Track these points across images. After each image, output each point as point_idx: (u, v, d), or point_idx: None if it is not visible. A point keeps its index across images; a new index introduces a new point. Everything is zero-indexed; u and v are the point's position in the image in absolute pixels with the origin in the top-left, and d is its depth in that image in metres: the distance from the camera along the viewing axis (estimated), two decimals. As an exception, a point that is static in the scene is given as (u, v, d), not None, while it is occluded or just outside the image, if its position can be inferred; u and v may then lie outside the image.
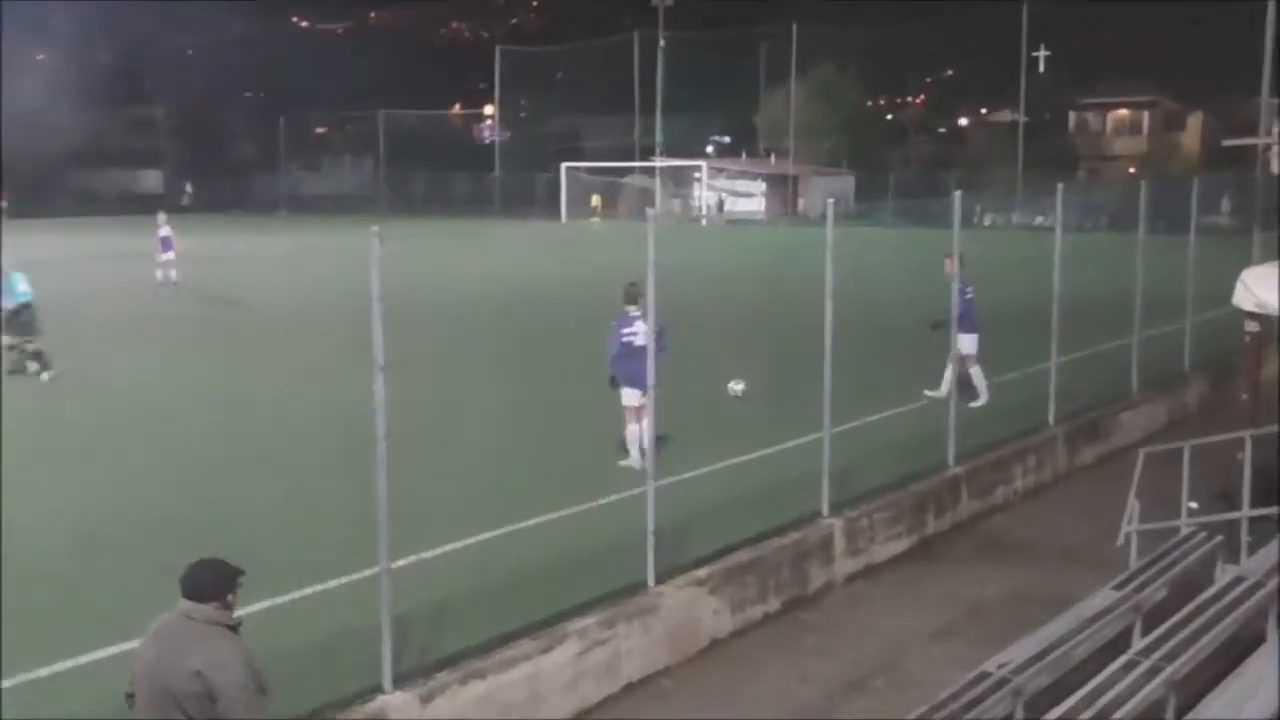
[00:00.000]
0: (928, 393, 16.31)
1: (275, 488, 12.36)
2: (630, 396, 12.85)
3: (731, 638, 10.13)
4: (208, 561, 5.67)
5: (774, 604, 10.69)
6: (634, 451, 12.83)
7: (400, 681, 7.75)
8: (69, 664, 7.92)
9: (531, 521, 11.20)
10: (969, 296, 16.22)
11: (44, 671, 7.84)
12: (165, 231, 30.29)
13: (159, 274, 29.90)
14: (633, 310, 12.95)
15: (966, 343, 16.14)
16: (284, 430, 15.08)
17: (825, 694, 9.24)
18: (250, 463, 13.47)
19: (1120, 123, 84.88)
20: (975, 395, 16.38)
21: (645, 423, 12.28)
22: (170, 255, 29.93)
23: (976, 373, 16.56)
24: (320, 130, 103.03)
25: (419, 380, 14.99)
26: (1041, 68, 78.70)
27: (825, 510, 11.53)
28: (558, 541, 10.68)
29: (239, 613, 5.60)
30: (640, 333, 12.40)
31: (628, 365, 12.65)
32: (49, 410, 16.23)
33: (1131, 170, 73.47)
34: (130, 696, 5.54)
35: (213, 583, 5.55)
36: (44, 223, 56.72)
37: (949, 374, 16.07)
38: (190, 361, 19.59)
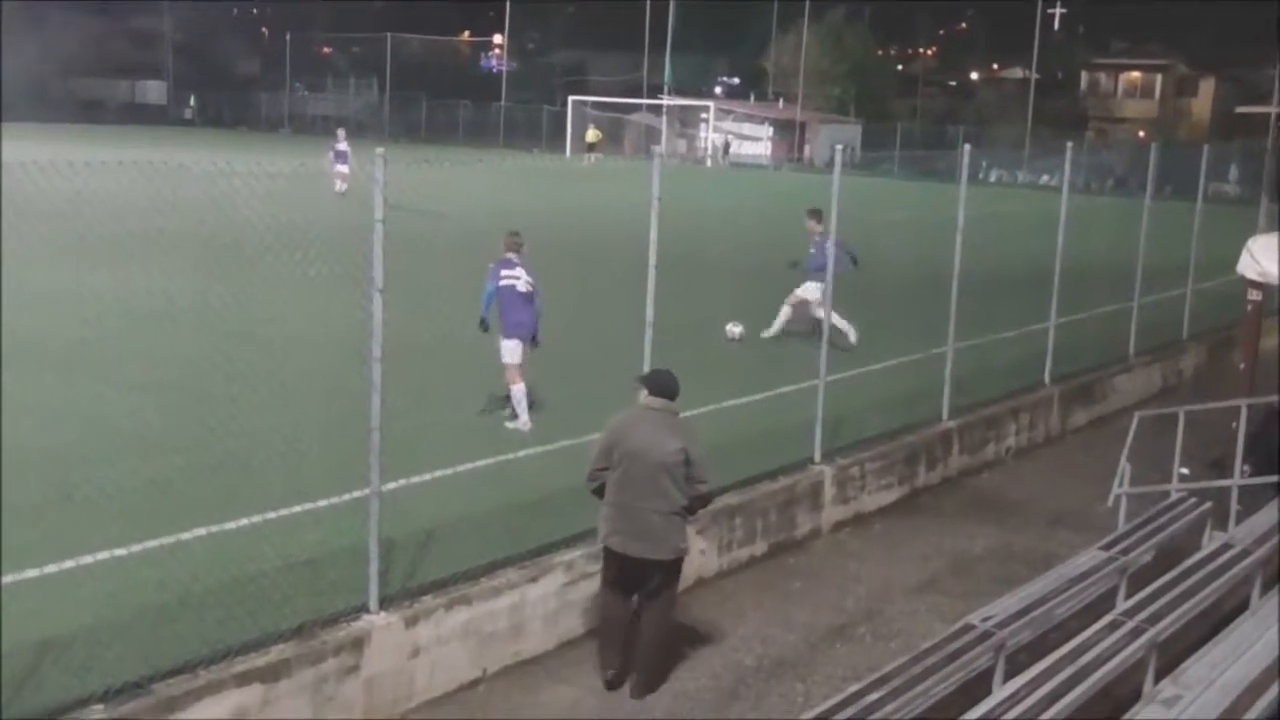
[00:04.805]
0: (765, 334, 17.17)
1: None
2: (512, 352, 11.88)
3: (717, 578, 10.18)
4: (667, 372, 8.28)
5: (761, 547, 10.73)
6: (522, 413, 11.93)
7: (386, 603, 7.78)
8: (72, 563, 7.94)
9: (522, 453, 11.21)
10: (828, 249, 16.81)
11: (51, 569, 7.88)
12: (343, 146, 33.13)
13: (337, 184, 32.30)
14: (512, 256, 12.02)
15: (811, 289, 16.97)
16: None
17: (806, 639, 9.29)
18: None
19: (1132, 85, 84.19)
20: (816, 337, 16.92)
21: (519, 385, 11.91)
22: (345, 168, 32.18)
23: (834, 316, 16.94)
24: (326, 51, 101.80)
25: (417, 305, 14.91)
26: (1056, 25, 77.96)
27: (817, 457, 11.54)
28: (547, 474, 10.67)
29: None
30: (521, 278, 11.89)
31: (507, 313, 11.81)
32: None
33: (1141, 134, 73.02)
34: (601, 470, 8.00)
35: (673, 387, 8.12)
36: (47, 128, 56.22)
37: (782, 316, 17.23)
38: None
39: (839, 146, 12.73)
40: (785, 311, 17.36)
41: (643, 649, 8.22)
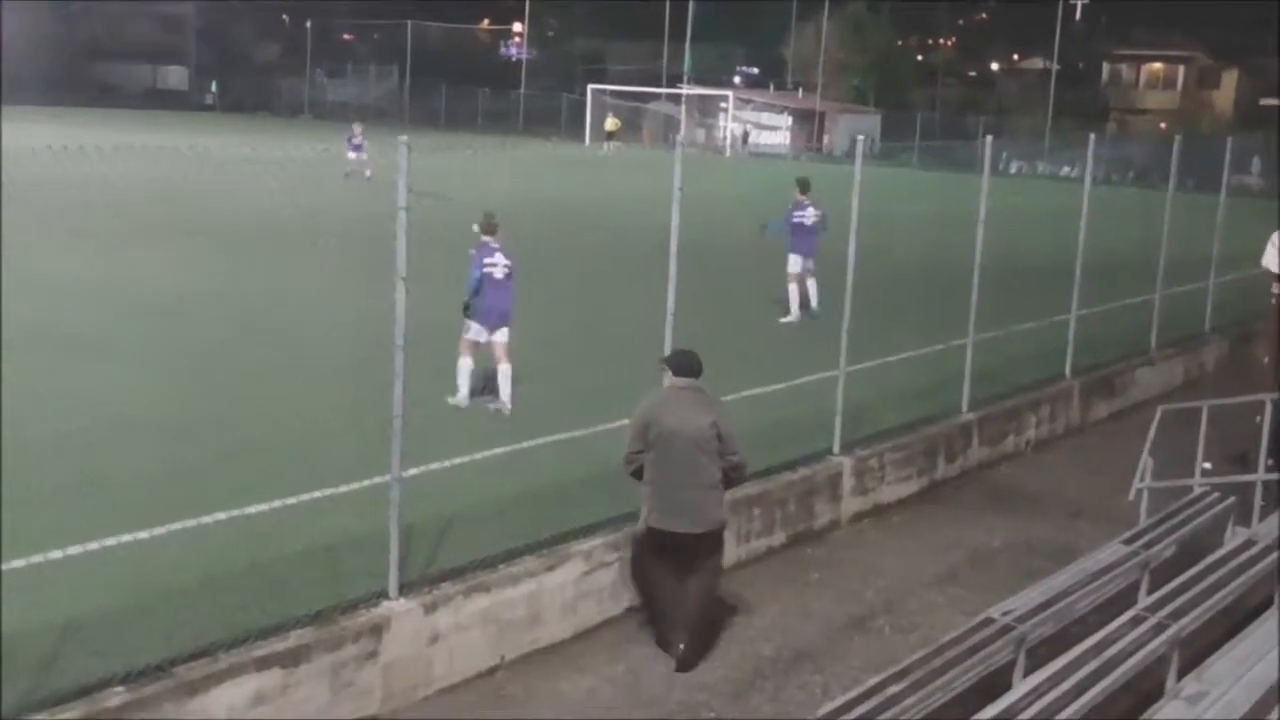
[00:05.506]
0: (783, 320, 17.71)
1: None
2: (476, 331, 12.14)
3: (735, 569, 10.13)
4: (690, 351, 8.51)
5: (779, 538, 10.70)
6: (463, 388, 12.16)
7: (405, 590, 7.78)
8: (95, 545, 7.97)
9: (539, 441, 11.19)
10: (809, 223, 18.03)
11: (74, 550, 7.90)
12: (359, 140, 35.48)
13: (365, 171, 34.08)
14: (490, 241, 12.27)
15: (797, 263, 17.87)
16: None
17: (825, 630, 9.26)
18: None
19: (1154, 76, 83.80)
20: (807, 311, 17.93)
21: (504, 365, 12.17)
22: (362, 155, 34.64)
23: (812, 286, 17.96)
24: (347, 37, 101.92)
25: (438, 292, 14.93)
26: (1078, 15, 77.52)
27: (836, 448, 11.50)
28: (566, 463, 10.66)
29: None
30: (500, 265, 12.13)
31: (484, 299, 12.05)
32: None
33: (1162, 125, 72.60)
34: (638, 453, 8.27)
35: (696, 365, 8.39)
36: (67, 111, 56.42)
37: (794, 298, 17.82)
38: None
39: (860, 137, 12.65)
40: (792, 290, 17.96)
41: (691, 617, 8.39)
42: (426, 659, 7.80)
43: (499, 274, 12.12)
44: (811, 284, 18.05)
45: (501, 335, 12.24)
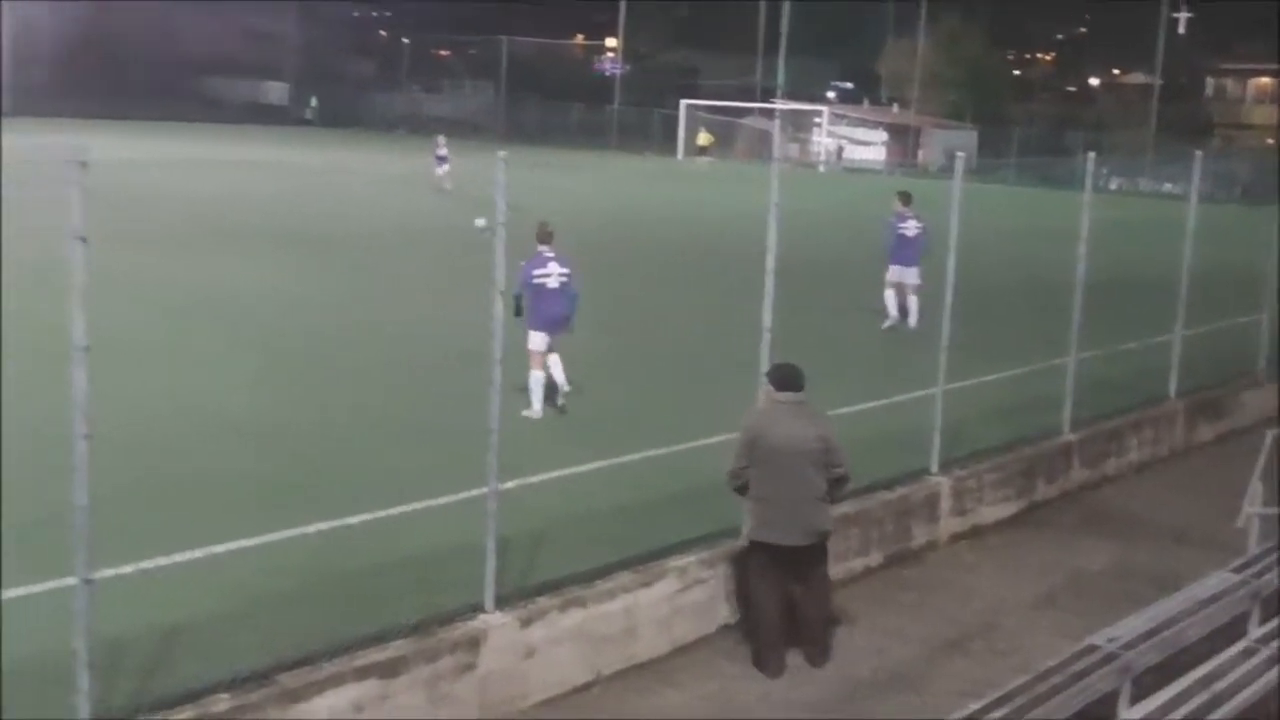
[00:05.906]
0: (885, 325, 18.18)
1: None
2: (537, 341, 12.27)
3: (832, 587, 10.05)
4: (792, 365, 8.57)
5: (875, 558, 10.58)
6: (536, 402, 12.27)
7: (501, 603, 7.81)
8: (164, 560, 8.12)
9: (637, 455, 11.20)
10: (910, 234, 18.25)
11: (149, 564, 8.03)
12: (443, 152, 37.62)
13: (445, 183, 36.67)
14: (545, 250, 12.45)
15: (896, 272, 18.28)
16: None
17: (921, 652, 9.13)
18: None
19: (1261, 91, 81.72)
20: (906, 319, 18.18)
21: (555, 366, 12.41)
22: (446, 168, 37.13)
23: (913, 302, 18.17)
24: (443, 53, 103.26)
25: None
26: (1181, 29, 75.92)
27: (934, 467, 11.35)
28: (661, 478, 10.66)
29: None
30: (553, 274, 12.27)
31: (539, 308, 12.20)
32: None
33: (1270, 141, 70.80)
34: (744, 468, 8.35)
35: (801, 380, 8.49)
36: (173, 126, 57.90)
37: (890, 303, 18.14)
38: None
39: (960, 154, 12.51)
40: (889, 295, 18.31)
41: (812, 625, 8.64)
42: (522, 673, 7.83)
43: (552, 284, 12.31)
44: (913, 300, 18.10)
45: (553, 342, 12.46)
